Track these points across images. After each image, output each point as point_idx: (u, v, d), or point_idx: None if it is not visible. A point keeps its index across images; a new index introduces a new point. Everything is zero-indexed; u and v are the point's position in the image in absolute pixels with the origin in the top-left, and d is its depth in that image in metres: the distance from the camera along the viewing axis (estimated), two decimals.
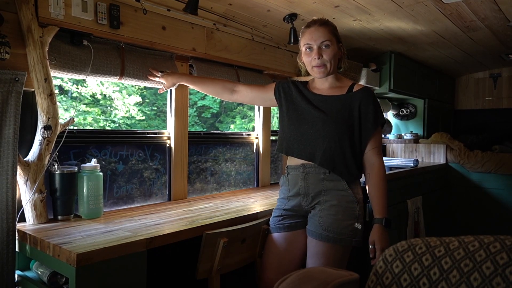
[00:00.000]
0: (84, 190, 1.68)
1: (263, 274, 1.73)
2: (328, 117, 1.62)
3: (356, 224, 1.60)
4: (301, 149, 1.65)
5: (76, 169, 1.70)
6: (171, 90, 2.17)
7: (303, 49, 1.67)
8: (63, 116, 1.68)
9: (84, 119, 4.23)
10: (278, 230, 1.71)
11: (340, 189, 1.61)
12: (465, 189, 3.90)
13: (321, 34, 1.61)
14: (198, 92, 5.35)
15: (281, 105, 1.78)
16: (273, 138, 2.92)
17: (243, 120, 6.39)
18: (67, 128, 1.66)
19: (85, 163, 1.75)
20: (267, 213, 1.90)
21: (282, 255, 1.69)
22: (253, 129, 2.88)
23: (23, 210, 1.56)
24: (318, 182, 1.62)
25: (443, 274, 1.02)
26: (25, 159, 1.55)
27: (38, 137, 1.57)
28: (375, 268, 1.12)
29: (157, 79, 1.95)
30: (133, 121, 4.82)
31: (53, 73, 1.61)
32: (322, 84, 1.72)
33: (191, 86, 2.04)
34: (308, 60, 1.66)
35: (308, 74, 1.78)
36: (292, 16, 2.28)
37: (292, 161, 1.71)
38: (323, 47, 1.61)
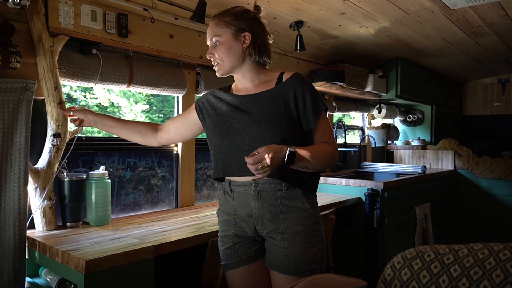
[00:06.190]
0: (93, 197, 1.69)
1: None
2: (261, 119, 1.34)
3: (322, 248, 1.39)
4: (242, 164, 1.32)
5: (84, 176, 1.71)
6: (178, 97, 2.19)
7: None
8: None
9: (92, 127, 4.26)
10: (237, 265, 1.41)
11: (302, 210, 1.35)
12: (474, 196, 3.86)
13: (210, 30, 1.39)
14: None
15: (206, 123, 1.49)
16: None
17: None
18: (76, 135, 1.68)
19: (94, 170, 1.77)
20: None
21: None
22: None
23: (32, 217, 1.57)
24: (276, 202, 1.34)
25: (452, 282, 1.01)
26: (34, 166, 1.57)
27: (47, 145, 1.60)
28: (383, 275, 1.11)
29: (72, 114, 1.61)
30: None
31: (62, 81, 1.63)
32: (242, 84, 1.46)
33: (106, 129, 1.67)
34: None
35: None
36: (299, 24, 2.30)
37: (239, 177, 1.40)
38: (215, 44, 1.39)
